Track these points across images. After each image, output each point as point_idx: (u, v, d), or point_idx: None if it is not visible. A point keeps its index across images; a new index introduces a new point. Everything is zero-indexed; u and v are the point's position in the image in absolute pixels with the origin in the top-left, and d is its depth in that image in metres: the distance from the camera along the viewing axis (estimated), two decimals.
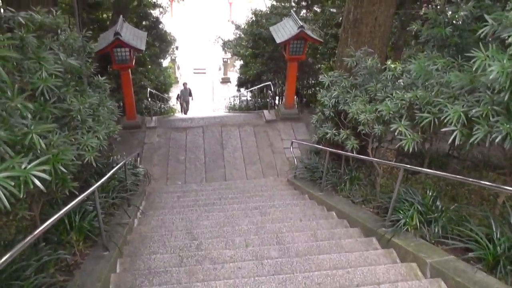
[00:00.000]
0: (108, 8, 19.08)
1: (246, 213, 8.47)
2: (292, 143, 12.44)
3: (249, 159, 13.53)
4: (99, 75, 8.34)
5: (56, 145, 4.75)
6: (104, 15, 19.65)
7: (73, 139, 5.65)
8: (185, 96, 23.49)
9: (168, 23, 23.17)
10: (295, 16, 14.22)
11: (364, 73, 8.67)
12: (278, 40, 13.95)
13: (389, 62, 8.19)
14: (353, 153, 8.38)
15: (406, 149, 6.26)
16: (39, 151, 4.02)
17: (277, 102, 19.36)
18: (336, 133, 9.13)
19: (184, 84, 23.37)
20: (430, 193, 6.72)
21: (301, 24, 13.43)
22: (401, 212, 6.44)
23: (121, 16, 14.04)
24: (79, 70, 6.83)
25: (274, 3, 20.33)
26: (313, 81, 19.16)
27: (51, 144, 4.60)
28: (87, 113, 6.32)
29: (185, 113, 23.23)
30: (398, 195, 6.50)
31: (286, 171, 12.83)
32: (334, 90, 9.26)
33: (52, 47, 6.01)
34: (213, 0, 47.92)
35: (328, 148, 9.05)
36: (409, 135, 6.35)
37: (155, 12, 21.08)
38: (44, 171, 3.44)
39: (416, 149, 6.34)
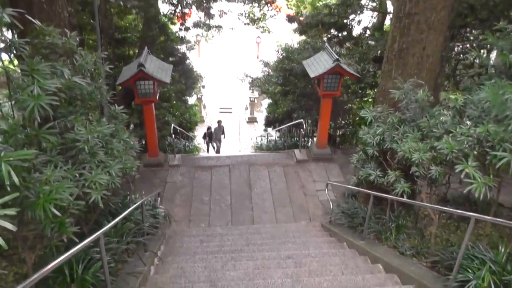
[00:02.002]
0: (134, 44, 18.56)
1: (278, 263, 7.40)
2: (327, 185, 11.33)
3: (279, 201, 12.47)
4: (115, 105, 7.45)
5: (53, 180, 3.81)
6: (131, 52, 19.10)
7: (77, 175, 4.71)
8: (218, 134, 22.51)
9: (195, 63, 22.56)
10: (330, 49, 13.37)
11: (414, 107, 7.67)
12: (312, 75, 13.06)
13: (442, 94, 7.22)
14: (403, 198, 7.29)
15: (477, 195, 5.18)
16: (8, 188, 3.04)
17: (307, 142, 18.38)
18: (381, 175, 8.10)
19: (219, 121, 22.50)
20: (503, 249, 5.61)
21: (337, 57, 12.55)
22: (470, 271, 5.33)
23: (146, 47, 13.33)
24: (91, 96, 5.97)
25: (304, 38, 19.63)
26: (343, 121, 18.18)
27: (44, 180, 3.67)
28: (97, 145, 5.41)
29: (218, 152, 22.34)
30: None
31: (319, 216, 11.75)
32: (378, 126, 8.28)
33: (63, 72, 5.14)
34: (240, 40, 47.73)
35: (372, 192, 7.95)
36: (480, 178, 5.27)
37: (182, 48, 20.50)
38: (5, 216, 2.46)
39: (488, 196, 5.26)
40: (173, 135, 15.05)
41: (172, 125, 14.97)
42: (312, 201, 12.43)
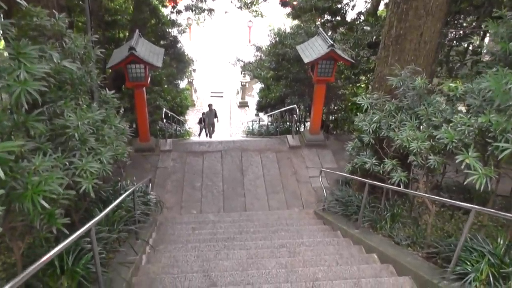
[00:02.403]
0: (125, 26, 18.22)
1: (272, 252, 7.28)
2: (321, 172, 11.18)
3: (271, 187, 12.34)
4: (106, 89, 7.24)
5: (42, 170, 3.64)
6: (121, 34, 18.76)
7: (66, 163, 4.52)
8: (210, 118, 22.08)
9: (186, 46, 22.20)
10: (324, 34, 13.16)
11: (412, 94, 7.51)
12: (306, 60, 12.87)
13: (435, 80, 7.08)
14: (400, 187, 7.17)
15: (477, 187, 5.06)
16: None
17: (299, 128, 18.25)
18: (377, 163, 7.97)
19: (210, 105, 22.10)
20: (501, 241, 5.51)
21: (331, 42, 12.36)
22: (468, 263, 5.24)
23: (137, 30, 13.06)
24: (82, 81, 5.76)
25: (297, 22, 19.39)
26: (336, 107, 18.03)
27: (33, 170, 3.50)
28: (88, 132, 5.22)
29: (210, 137, 22.11)
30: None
31: (312, 203, 11.66)
32: (374, 113, 8.14)
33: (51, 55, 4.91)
34: (232, 25, 47.29)
35: (368, 180, 7.83)
36: (480, 169, 5.15)
37: (173, 31, 20.19)
38: None
39: (489, 187, 5.15)
40: (164, 120, 14.81)
41: (164, 109, 14.73)
42: (305, 188, 12.31)
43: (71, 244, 4.86)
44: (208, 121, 21.78)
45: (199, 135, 22.92)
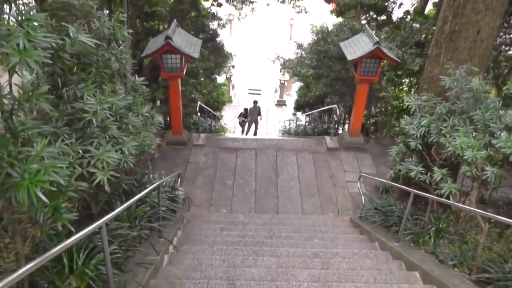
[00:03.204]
0: (164, 18, 17.83)
1: (304, 261, 6.67)
2: (360, 177, 10.51)
3: (306, 190, 11.73)
4: (136, 76, 6.78)
5: (47, 156, 3.15)
6: (161, 26, 18.39)
7: (80, 151, 4.03)
8: (253, 115, 21.09)
9: (226, 42, 21.73)
10: (370, 31, 12.46)
11: (467, 96, 6.81)
12: (349, 57, 12.21)
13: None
14: (449, 200, 6.49)
15: None
16: None
17: (337, 129, 17.55)
18: (423, 171, 7.30)
19: (255, 102, 21.22)
20: None
21: (377, 40, 11.67)
22: None
23: (174, 20, 12.61)
24: (107, 64, 5.28)
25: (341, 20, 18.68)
26: (376, 110, 17.28)
27: (33, 156, 3.01)
28: (109, 119, 4.73)
29: (255, 135, 21.34)
30: None
31: (348, 209, 11.00)
32: (422, 117, 7.47)
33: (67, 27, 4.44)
34: (273, 22, 46.85)
35: (413, 190, 7.13)
36: None
37: (213, 25, 19.75)
38: None
39: None
40: (199, 113, 14.33)
41: (198, 102, 14.27)
42: (341, 193, 11.66)
43: (83, 240, 4.41)
44: (251, 118, 21.00)
45: (242, 132, 22.20)
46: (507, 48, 13.84)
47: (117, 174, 4.81)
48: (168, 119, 15.14)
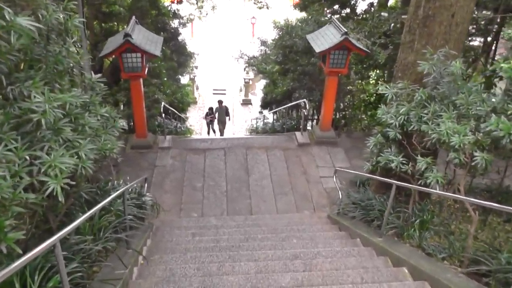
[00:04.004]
0: (123, 18, 17.18)
1: (285, 264, 6.21)
2: (335, 171, 10.09)
3: (279, 188, 11.28)
4: (92, 73, 6.22)
5: None
6: (120, 27, 17.71)
7: (27, 157, 3.49)
8: (220, 116, 20.46)
9: (189, 43, 21.21)
10: (337, 22, 12.10)
11: (448, 81, 6.46)
12: (317, 49, 11.82)
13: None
14: (436, 189, 6.13)
15: None
16: None
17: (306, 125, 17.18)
18: (405, 162, 6.93)
19: (220, 101, 20.61)
20: None
21: (345, 30, 11.32)
22: None
23: (133, 17, 12.02)
24: (57, 58, 4.73)
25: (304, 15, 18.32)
26: (342, 104, 16.94)
27: None
28: (62, 120, 4.20)
29: (221, 135, 20.51)
30: None
31: (324, 205, 10.60)
32: (399, 105, 7.11)
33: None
34: (235, 21, 46.53)
35: (395, 181, 6.74)
36: None
37: (174, 23, 19.19)
38: None
39: None
40: (163, 115, 13.73)
41: (163, 103, 13.68)
42: (316, 189, 11.26)
43: (38, 260, 3.88)
44: (218, 118, 20.43)
45: (208, 132, 21.59)
46: (470, 38, 13.74)
47: (74, 182, 4.28)
48: (132, 122, 14.55)
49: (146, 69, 11.73)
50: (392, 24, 13.57)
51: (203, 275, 5.84)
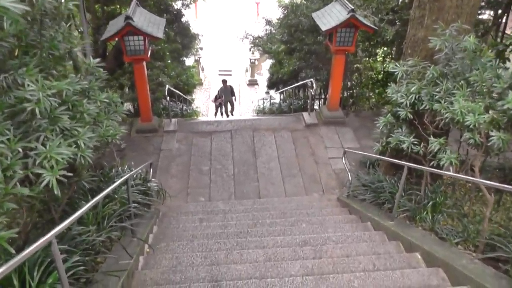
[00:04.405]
0: (125, 0, 16.86)
1: (294, 251, 6.03)
2: (344, 152, 9.86)
3: (287, 170, 11.09)
4: (90, 57, 6.01)
5: None
6: (123, 10, 17.39)
7: (19, 149, 3.31)
8: (226, 95, 19.98)
9: (193, 24, 20.82)
10: None
11: (461, 57, 6.20)
12: (323, 28, 11.52)
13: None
14: (450, 171, 5.91)
15: None
16: None
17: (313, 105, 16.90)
18: (416, 142, 6.71)
19: (224, 81, 20.10)
20: None
21: (351, 7, 11.01)
22: None
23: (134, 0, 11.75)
24: (53, 43, 4.52)
25: None
26: (351, 83, 16.64)
27: None
28: (59, 108, 4.01)
29: (228, 116, 20.27)
30: None
31: (333, 187, 10.41)
32: (410, 83, 6.86)
33: None
34: (239, 1, 46.02)
35: (407, 163, 6.51)
36: None
37: (177, 5, 18.81)
38: None
39: None
40: (168, 97, 13.50)
41: (167, 86, 13.44)
42: (324, 170, 11.05)
43: (38, 255, 3.72)
44: (224, 98, 20.05)
45: (215, 114, 21.33)
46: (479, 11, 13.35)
47: (75, 171, 4.11)
48: (136, 106, 14.35)
49: (149, 52, 11.52)
50: (400, 0, 13.19)
51: (210, 264, 5.69)
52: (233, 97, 20.18)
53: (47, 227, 4.99)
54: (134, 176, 8.00)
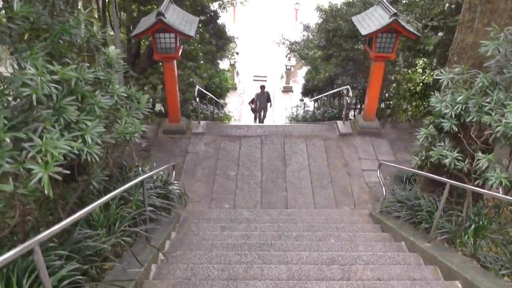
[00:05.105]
0: (162, 0, 16.62)
1: (320, 269, 5.49)
2: (380, 165, 9.24)
3: (318, 181, 10.53)
4: (110, 48, 5.60)
5: None
6: None
7: (7, 139, 2.88)
8: (261, 101, 19.42)
9: (230, 28, 20.49)
10: (386, 3, 11.18)
11: None
12: (363, 32, 10.95)
13: None
14: (499, 193, 5.30)
15: None
16: None
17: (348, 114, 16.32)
18: (460, 158, 6.10)
19: (262, 87, 19.48)
20: None
21: (394, 11, 10.42)
22: None
23: None
24: (64, 27, 4.12)
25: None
26: (387, 94, 16.03)
27: None
28: (65, 98, 3.60)
29: (261, 123, 19.74)
30: None
31: (366, 201, 9.81)
32: (456, 92, 6.27)
33: None
34: (278, 7, 45.72)
35: (449, 181, 5.90)
36: None
37: (214, 6, 18.48)
38: None
39: None
40: (198, 99, 13.08)
41: (197, 87, 13.03)
42: (357, 183, 10.46)
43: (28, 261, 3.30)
44: (259, 104, 19.48)
45: (254, 119, 20.86)
46: None
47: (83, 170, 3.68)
48: (166, 106, 14.05)
49: (180, 51, 11.16)
50: (447, 4, 12.45)
51: (227, 278, 5.19)
52: (269, 104, 19.68)
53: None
54: (155, 177, 7.59)
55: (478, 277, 4.97)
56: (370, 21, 11.12)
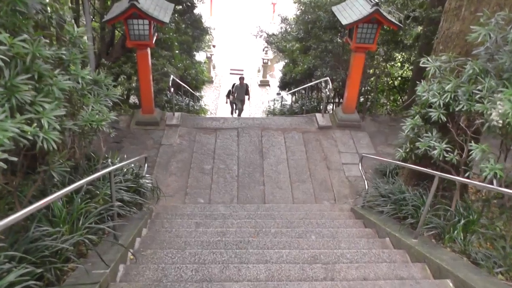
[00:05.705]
0: None
1: (302, 269, 5.11)
2: (361, 158, 8.90)
3: (296, 175, 10.17)
4: (75, 26, 5.12)
5: None
6: None
7: None
8: (240, 93, 18.90)
9: (207, 22, 20.06)
10: None
11: (510, 49, 5.24)
12: (344, 22, 10.61)
13: None
14: (492, 184, 4.97)
15: None
16: None
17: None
18: (449, 149, 5.79)
19: (241, 78, 18.94)
20: None
21: (376, 1, 10.10)
22: None
23: None
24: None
25: None
26: (365, 89, 15.77)
27: None
28: (19, 75, 3.15)
29: (239, 115, 19.31)
30: None
31: (346, 196, 9.48)
32: (443, 81, 5.96)
33: None
34: (255, 2, 45.38)
35: (438, 173, 5.57)
36: None
37: None
38: None
39: None
40: (172, 89, 12.58)
41: (172, 76, 12.54)
42: (337, 177, 10.12)
43: None
44: (237, 96, 19.05)
45: (231, 112, 20.50)
46: None
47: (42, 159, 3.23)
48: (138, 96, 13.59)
49: (155, 38, 10.70)
50: None
51: (201, 280, 4.78)
52: (247, 96, 19.24)
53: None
54: (125, 170, 7.14)
55: (471, 275, 4.64)
56: (351, 11, 10.79)
